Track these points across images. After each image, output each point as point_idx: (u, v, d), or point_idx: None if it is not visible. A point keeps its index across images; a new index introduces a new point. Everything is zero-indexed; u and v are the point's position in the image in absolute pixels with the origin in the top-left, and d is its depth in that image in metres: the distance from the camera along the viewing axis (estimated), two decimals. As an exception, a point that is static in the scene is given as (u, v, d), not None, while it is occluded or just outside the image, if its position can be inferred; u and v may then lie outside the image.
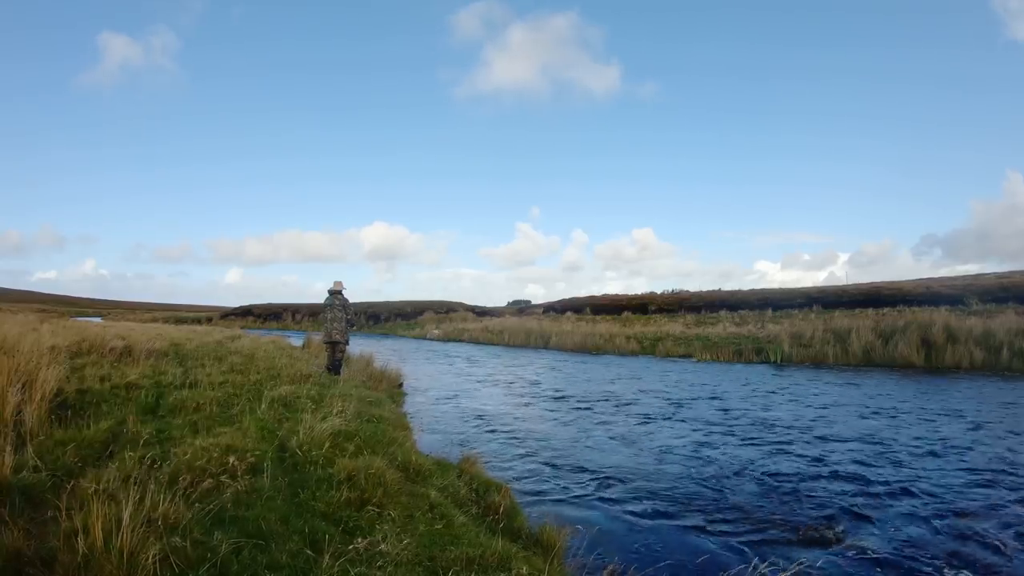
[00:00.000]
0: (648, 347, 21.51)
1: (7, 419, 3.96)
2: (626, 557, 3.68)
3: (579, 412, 9.44)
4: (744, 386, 12.29)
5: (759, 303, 31.89)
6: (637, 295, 41.03)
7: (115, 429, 4.30)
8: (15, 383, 4.51)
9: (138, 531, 2.36)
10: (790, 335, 18.37)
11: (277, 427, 4.79)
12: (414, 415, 8.78)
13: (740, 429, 7.92)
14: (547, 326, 28.60)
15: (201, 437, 4.03)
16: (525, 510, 4.40)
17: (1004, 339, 14.38)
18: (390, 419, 6.37)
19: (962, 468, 5.86)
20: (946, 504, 4.81)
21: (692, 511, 4.78)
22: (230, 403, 5.57)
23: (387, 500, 3.38)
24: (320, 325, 10.48)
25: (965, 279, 32.48)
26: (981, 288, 25.71)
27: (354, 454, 4.00)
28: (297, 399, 5.93)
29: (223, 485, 3.24)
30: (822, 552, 3.95)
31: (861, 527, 4.38)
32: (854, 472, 5.76)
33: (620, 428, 8.11)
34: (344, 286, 9.57)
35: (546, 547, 3.53)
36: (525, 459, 6.47)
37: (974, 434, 7.34)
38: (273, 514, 2.98)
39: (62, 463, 3.53)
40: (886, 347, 15.63)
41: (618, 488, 5.39)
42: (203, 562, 2.39)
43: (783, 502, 4.95)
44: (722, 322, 25.82)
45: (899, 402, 9.83)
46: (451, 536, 3.16)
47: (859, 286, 33.08)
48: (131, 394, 5.71)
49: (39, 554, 2.41)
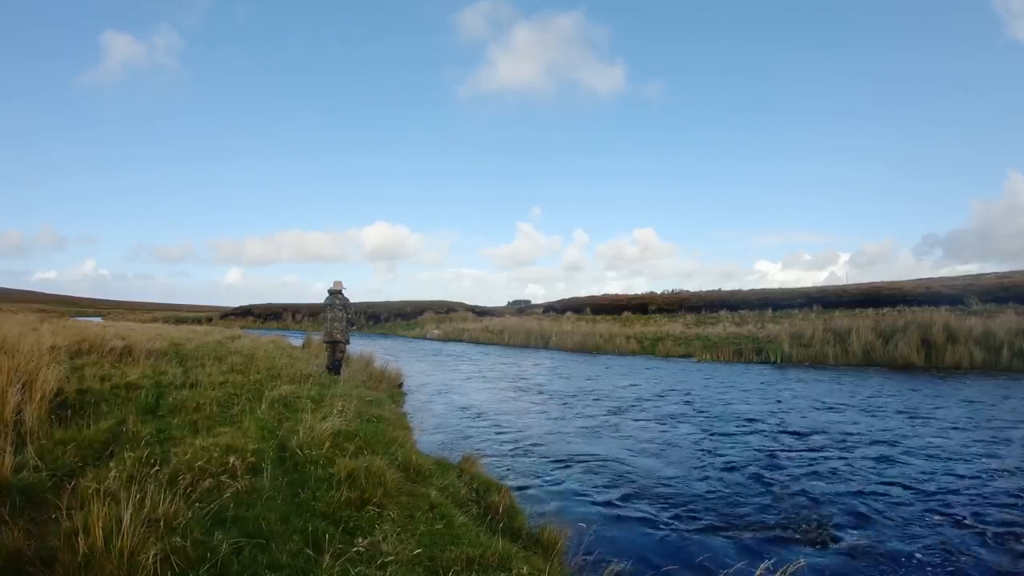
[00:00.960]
0: (648, 347, 21.50)
1: (7, 419, 3.96)
2: (627, 557, 3.68)
3: (578, 412, 9.44)
4: (744, 386, 12.29)
5: (759, 303, 31.88)
6: (637, 295, 41.03)
7: (115, 429, 4.30)
8: (15, 383, 4.51)
9: (138, 531, 2.36)
10: (790, 335, 18.36)
11: (277, 427, 4.79)
12: (414, 415, 8.79)
13: (739, 429, 7.91)
14: (547, 326, 28.59)
15: (201, 437, 4.03)
16: (525, 509, 4.40)
17: (1004, 339, 14.37)
18: (390, 419, 6.37)
19: (962, 468, 5.86)
20: (945, 504, 4.82)
21: (691, 511, 4.78)
22: (230, 403, 5.57)
23: (387, 500, 3.38)
24: (320, 325, 10.49)
25: (965, 279, 32.50)
26: (981, 288, 25.71)
27: (354, 454, 4.00)
28: (297, 399, 5.93)
29: (223, 485, 3.24)
30: (822, 552, 3.95)
31: (859, 527, 4.38)
32: (853, 472, 5.76)
33: (620, 428, 8.11)
34: (344, 286, 9.58)
35: (546, 547, 3.53)
36: (525, 458, 6.47)
37: (973, 434, 7.34)
38: (273, 514, 2.98)
39: (62, 463, 3.54)
40: (886, 347, 15.63)
41: (618, 488, 5.39)
42: (203, 562, 2.39)
43: (782, 501, 4.95)
44: (722, 322, 25.81)
45: (899, 402, 9.83)
46: (451, 536, 3.16)
47: (859, 286, 33.07)
48: (131, 394, 5.71)
49: (39, 554, 2.41)
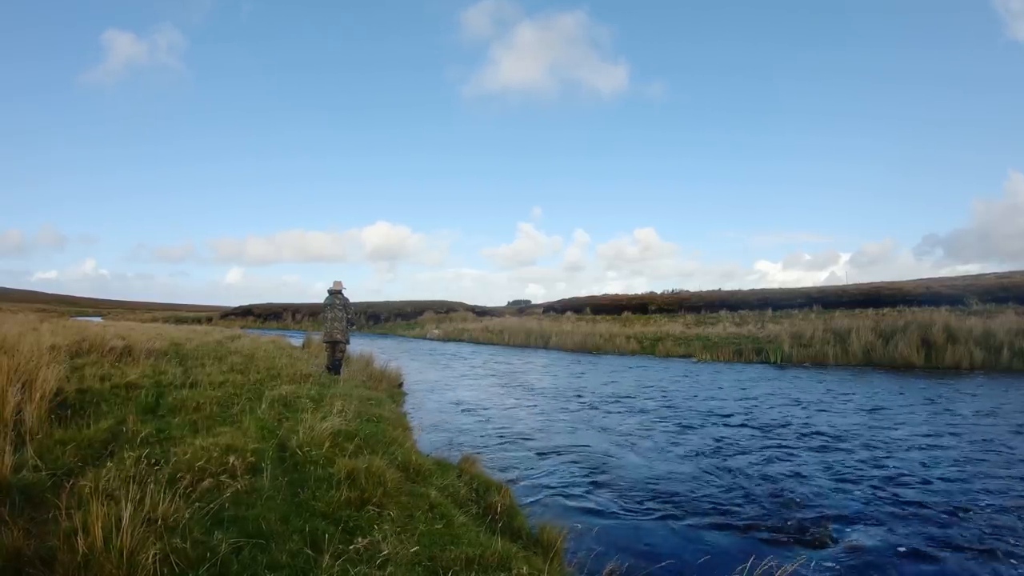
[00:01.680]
0: (648, 347, 21.50)
1: (7, 419, 3.96)
2: (626, 556, 3.68)
3: (577, 411, 9.44)
4: (744, 385, 12.29)
5: (759, 303, 31.88)
6: (637, 295, 41.04)
7: (115, 429, 4.30)
8: (15, 383, 4.51)
9: (138, 531, 2.36)
10: (790, 335, 18.36)
11: (277, 427, 4.79)
12: (414, 414, 8.79)
13: (738, 428, 7.91)
14: (547, 326, 28.59)
15: (201, 437, 4.03)
16: (524, 508, 4.40)
17: (1004, 339, 14.38)
18: (390, 419, 6.37)
19: (962, 468, 5.86)
20: (945, 503, 4.81)
21: (691, 510, 4.77)
22: (230, 403, 5.57)
23: (387, 500, 3.38)
24: (320, 325, 10.50)
25: (965, 279, 32.51)
26: (981, 288, 25.72)
27: (354, 454, 4.00)
28: (297, 399, 5.93)
29: (223, 485, 3.24)
30: (821, 552, 3.95)
31: (858, 527, 4.38)
32: (852, 471, 5.76)
33: (620, 427, 8.11)
34: (344, 286, 9.61)
35: (546, 547, 3.53)
36: (524, 458, 6.47)
37: (973, 434, 7.34)
38: (273, 514, 2.98)
39: (62, 463, 3.53)
40: (886, 347, 15.63)
41: (618, 487, 5.39)
42: (203, 562, 2.39)
43: (781, 501, 4.95)
44: (722, 322, 25.80)
45: (898, 402, 9.83)
46: (451, 536, 3.16)
47: (859, 286, 33.06)
48: (131, 394, 5.71)
49: (39, 553, 2.41)
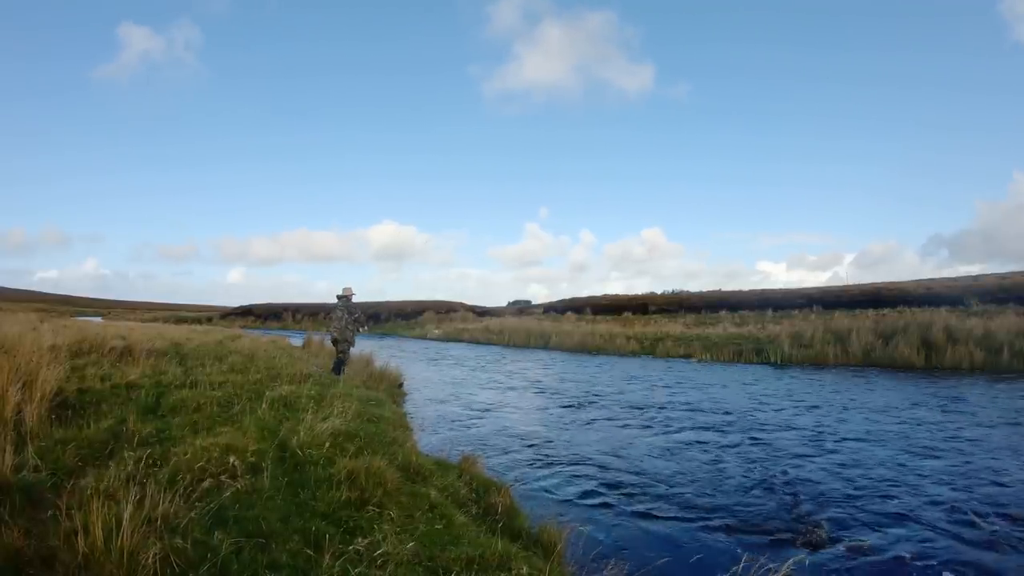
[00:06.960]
0: (648, 347, 21.50)
1: (7, 419, 3.95)
2: (627, 556, 3.68)
3: (577, 411, 9.43)
4: (743, 386, 12.28)
5: (760, 303, 31.91)
6: (637, 295, 41.09)
7: (115, 429, 4.29)
8: (15, 383, 4.50)
9: (138, 531, 2.36)
10: (790, 335, 18.36)
11: (277, 427, 4.77)
12: (414, 414, 8.78)
13: (737, 428, 7.91)
14: (547, 326, 28.60)
15: (201, 437, 4.02)
16: (526, 508, 4.40)
17: (1004, 340, 14.38)
18: (390, 419, 6.36)
19: (960, 468, 5.85)
20: (943, 503, 4.81)
21: (691, 510, 4.78)
22: (230, 403, 5.56)
23: (387, 500, 3.38)
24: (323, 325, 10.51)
25: (966, 280, 32.45)
26: (981, 289, 25.72)
27: (354, 454, 4.00)
28: (297, 399, 5.92)
29: (223, 485, 3.24)
30: (820, 552, 3.95)
31: (856, 526, 4.38)
32: (851, 472, 5.76)
33: (619, 428, 8.11)
34: (354, 291, 9.64)
35: (546, 547, 3.53)
36: (523, 457, 6.47)
37: (973, 434, 7.33)
38: (273, 514, 2.98)
39: (62, 463, 3.53)
40: (886, 348, 15.62)
41: (619, 487, 5.39)
42: (203, 562, 2.38)
43: (780, 501, 4.95)
44: (722, 322, 25.81)
45: (898, 403, 9.82)
46: (451, 536, 3.16)
47: (860, 286, 33.08)
48: (131, 394, 5.69)
49: (39, 553, 2.41)
